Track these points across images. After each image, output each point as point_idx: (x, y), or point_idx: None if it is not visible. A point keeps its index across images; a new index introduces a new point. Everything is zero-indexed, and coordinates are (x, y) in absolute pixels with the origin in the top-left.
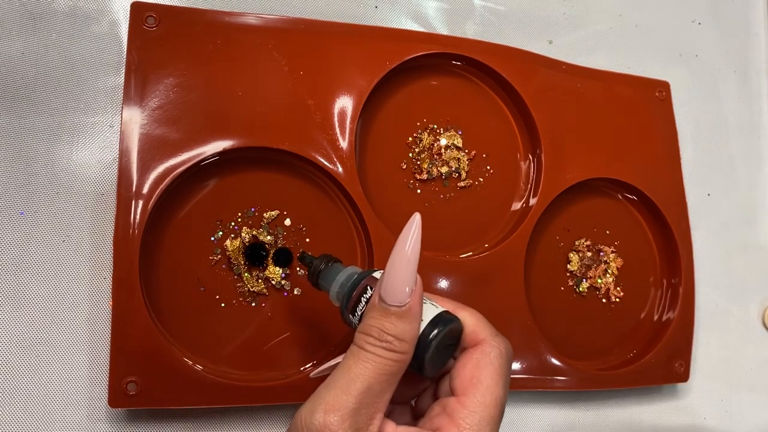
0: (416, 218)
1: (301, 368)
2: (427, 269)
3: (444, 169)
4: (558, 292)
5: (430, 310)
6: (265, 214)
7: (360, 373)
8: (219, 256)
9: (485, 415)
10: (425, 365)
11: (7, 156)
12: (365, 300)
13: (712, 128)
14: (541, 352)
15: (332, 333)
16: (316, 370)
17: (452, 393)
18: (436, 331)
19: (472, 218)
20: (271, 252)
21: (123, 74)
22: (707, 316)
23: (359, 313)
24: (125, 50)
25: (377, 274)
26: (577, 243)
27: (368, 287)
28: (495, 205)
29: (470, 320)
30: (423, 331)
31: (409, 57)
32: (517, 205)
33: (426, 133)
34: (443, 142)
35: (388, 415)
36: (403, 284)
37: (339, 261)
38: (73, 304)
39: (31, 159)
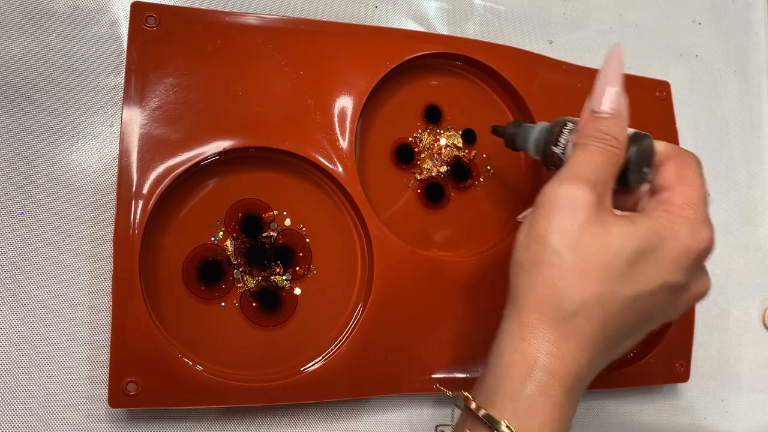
0: (617, 46)
1: (301, 368)
2: (428, 269)
3: (444, 169)
4: None
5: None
6: (265, 214)
7: (590, 158)
8: (219, 257)
9: (697, 195)
10: (630, 173)
11: (7, 156)
12: (567, 131)
13: (712, 128)
14: None
15: (332, 333)
16: (522, 214)
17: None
18: (635, 145)
19: (472, 218)
20: (272, 252)
21: (123, 74)
22: (707, 316)
23: (562, 143)
24: (125, 50)
25: (569, 117)
26: None
27: (567, 122)
28: (495, 204)
29: (660, 144)
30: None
31: (409, 57)
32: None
33: (426, 133)
34: (443, 142)
35: None
36: (613, 92)
37: (525, 121)
38: (73, 304)
39: (31, 159)
